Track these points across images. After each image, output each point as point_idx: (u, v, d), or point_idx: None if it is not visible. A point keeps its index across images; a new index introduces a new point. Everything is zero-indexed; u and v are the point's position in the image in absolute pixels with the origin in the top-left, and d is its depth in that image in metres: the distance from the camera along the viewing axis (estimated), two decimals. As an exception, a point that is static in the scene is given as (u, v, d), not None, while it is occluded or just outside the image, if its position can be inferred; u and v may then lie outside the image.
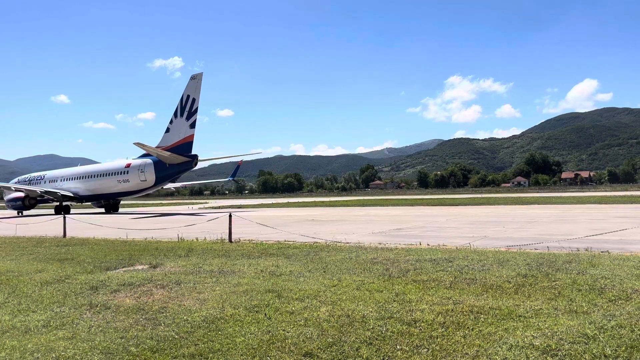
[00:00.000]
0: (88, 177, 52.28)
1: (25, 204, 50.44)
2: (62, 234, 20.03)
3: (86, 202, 54.11)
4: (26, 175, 61.62)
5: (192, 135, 46.10)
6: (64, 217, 21.55)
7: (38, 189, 52.02)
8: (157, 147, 46.84)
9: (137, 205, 77.82)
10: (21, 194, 51.19)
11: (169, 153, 45.70)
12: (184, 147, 46.18)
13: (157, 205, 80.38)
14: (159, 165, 46.66)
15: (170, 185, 59.91)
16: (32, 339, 5.74)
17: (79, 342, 5.59)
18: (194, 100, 46.11)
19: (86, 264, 11.44)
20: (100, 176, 51.14)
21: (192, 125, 46.14)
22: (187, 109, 46.20)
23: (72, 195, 51.34)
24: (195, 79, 46.76)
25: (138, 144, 43.81)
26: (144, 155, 48.55)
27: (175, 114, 47.09)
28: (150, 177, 47.24)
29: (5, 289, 8.73)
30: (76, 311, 6.98)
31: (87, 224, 25.40)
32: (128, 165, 49.02)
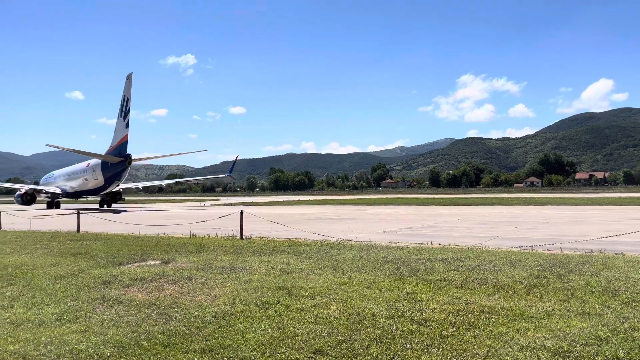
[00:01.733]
0: (70, 176, 55.23)
1: (24, 199, 53.65)
2: (75, 228, 20.27)
3: (72, 198, 56.65)
4: (49, 173, 64.81)
5: (127, 135, 47.47)
6: (78, 213, 21.81)
7: (23, 187, 56.71)
8: (110, 147, 48.76)
9: (149, 202, 78.39)
10: (22, 191, 54.99)
11: (103, 155, 47.86)
12: (122, 147, 47.69)
13: (168, 201, 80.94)
14: (104, 165, 48.27)
15: (127, 186, 61.04)
16: (46, 331, 5.82)
17: (91, 335, 5.65)
18: (127, 100, 47.60)
19: (99, 259, 11.57)
20: (75, 175, 53.96)
21: (127, 125, 47.56)
22: (123, 109, 47.70)
23: (60, 192, 54.21)
24: (129, 79, 48.17)
25: (50, 145, 46.11)
26: None
27: (118, 115, 48.66)
28: (100, 177, 48.85)
29: (20, 282, 8.86)
30: (89, 305, 7.06)
31: (101, 220, 25.68)
32: (88, 165, 51.41)
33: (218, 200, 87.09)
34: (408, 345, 5.20)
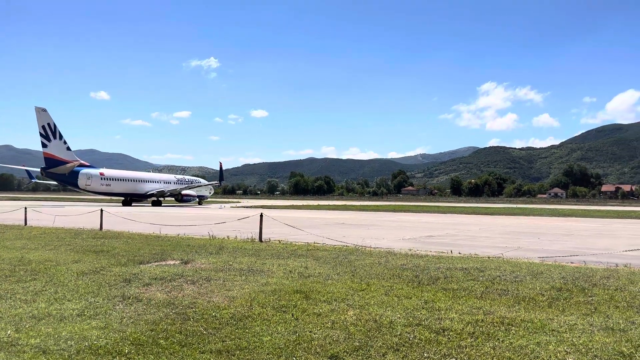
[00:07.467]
0: None
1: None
2: (98, 226, 20.60)
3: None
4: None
5: (45, 152, 54.62)
6: (101, 211, 22.17)
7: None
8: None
9: (169, 202, 79.32)
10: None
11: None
12: None
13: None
14: None
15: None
16: (67, 327, 5.91)
17: (111, 332, 5.72)
18: (47, 125, 54.70)
19: (120, 257, 11.73)
20: None
21: (44, 145, 54.47)
22: (52, 132, 55.39)
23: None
24: (45, 111, 54.74)
25: None
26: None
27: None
28: None
29: (43, 277, 9.03)
30: (109, 302, 7.15)
31: (122, 219, 26.07)
32: None
33: (238, 202, 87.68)
34: (425, 354, 5.13)
